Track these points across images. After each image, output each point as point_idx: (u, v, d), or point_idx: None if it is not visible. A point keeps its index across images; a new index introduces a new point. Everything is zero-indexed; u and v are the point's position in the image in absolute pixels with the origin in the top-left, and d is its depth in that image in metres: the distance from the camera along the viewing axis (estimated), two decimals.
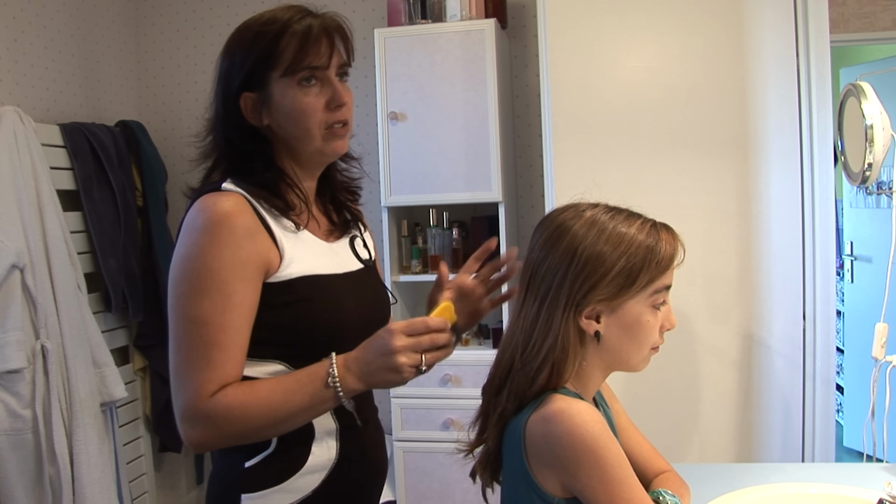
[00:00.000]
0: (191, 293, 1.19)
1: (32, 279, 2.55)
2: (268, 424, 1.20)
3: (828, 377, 2.35)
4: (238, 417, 1.17)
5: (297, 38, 1.26)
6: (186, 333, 1.19)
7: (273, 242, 1.25)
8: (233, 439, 1.22)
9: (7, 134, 2.57)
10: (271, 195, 1.28)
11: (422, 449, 3.03)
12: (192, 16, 3.64)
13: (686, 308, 2.41)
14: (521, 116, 3.39)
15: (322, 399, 1.19)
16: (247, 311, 1.21)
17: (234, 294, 1.19)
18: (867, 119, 2.01)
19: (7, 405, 2.48)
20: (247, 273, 1.20)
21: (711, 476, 1.61)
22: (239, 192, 1.25)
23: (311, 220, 1.36)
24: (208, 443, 1.20)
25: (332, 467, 1.31)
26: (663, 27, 2.44)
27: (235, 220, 1.21)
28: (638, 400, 2.35)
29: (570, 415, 1.08)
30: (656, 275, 1.16)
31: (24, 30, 2.93)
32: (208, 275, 1.18)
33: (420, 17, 3.08)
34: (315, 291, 1.27)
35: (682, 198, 2.41)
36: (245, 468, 1.28)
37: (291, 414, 1.19)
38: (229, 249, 1.19)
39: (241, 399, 1.18)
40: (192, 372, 1.18)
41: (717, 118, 2.40)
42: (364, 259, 1.43)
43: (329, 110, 1.30)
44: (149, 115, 3.67)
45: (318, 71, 1.28)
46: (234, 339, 1.19)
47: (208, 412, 1.17)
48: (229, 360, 1.19)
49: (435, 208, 3.15)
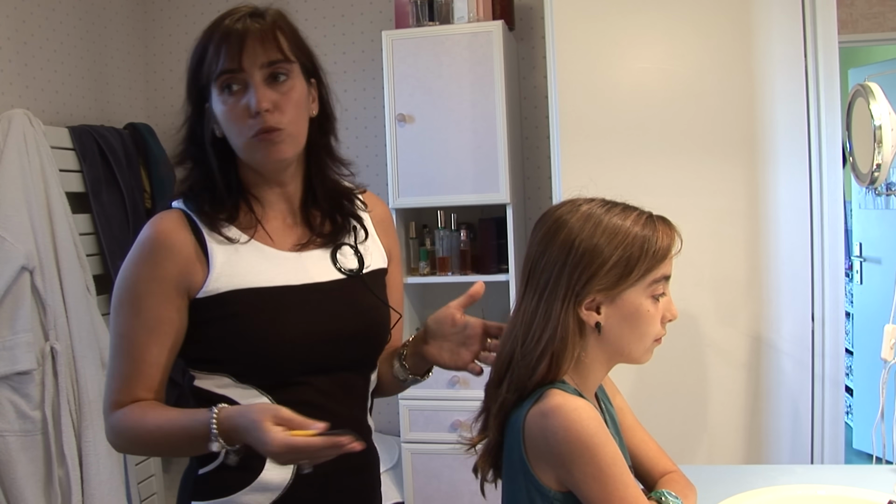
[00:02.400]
0: (115, 306, 1.25)
1: (42, 281, 2.56)
2: (153, 451, 1.31)
3: (837, 379, 2.34)
4: (131, 437, 1.23)
5: (214, 45, 1.22)
6: (111, 343, 1.26)
7: (204, 258, 1.23)
8: (135, 451, 1.32)
9: (16, 137, 2.59)
10: (216, 209, 1.26)
11: (430, 451, 3.03)
12: (201, 18, 3.65)
13: (694, 309, 2.41)
14: (528, 118, 3.39)
15: (202, 446, 1.15)
16: (155, 325, 1.22)
17: (144, 310, 1.22)
18: (876, 120, 2.00)
19: (17, 406, 2.49)
20: (160, 290, 1.22)
21: (720, 477, 1.60)
22: (181, 209, 1.27)
23: (262, 232, 1.29)
24: (117, 447, 1.29)
25: (286, 489, 1.25)
26: (671, 28, 2.44)
27: (158, 239, 1.24)
28: (646, 401, 2.35)
29: (567, 411, 1.10)
30: (653, 264, 1.17)
31: (33, 33, 2.94)
32: (126, 290, 1.24)
33: (427, 20, 3.08)
34: (247, 305, 1.23)
35: (691, 199, 2.41)
36: (198, 475, 1.28)
37: (173, 449, 1.29)
38: (146, 267, 1.23)
39: (132, 422, 1.22)
40: (108, 379, 1.26)
41: (725, 119, 2.40)
42: (347, 269, 1.33)
43: (251, 118, 1.21)
44: (157, 117, 3.68)
45: (232, 75, 1.21)
46: (141, 353, 1.22)
47: (112, 423, 1.24)
48: (138, 374, 1.23)
49: (443, 210, 3.16)
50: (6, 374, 2.46)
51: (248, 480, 1.24)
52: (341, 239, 1.35)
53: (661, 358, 1.25)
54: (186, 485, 1.31)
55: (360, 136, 3.45)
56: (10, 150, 2.56)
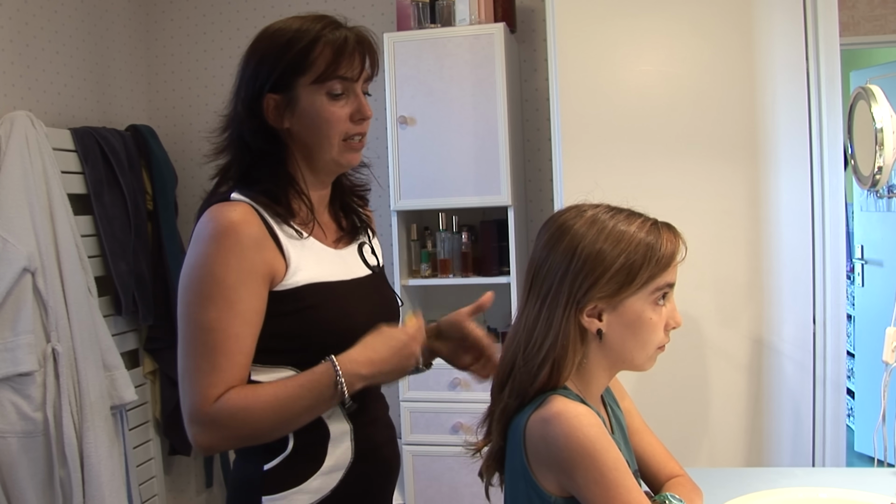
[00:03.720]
0: (198, 301, 1.22)
1: (43, 282, 2.56)
2: (271, 426, 1.23)
3: (838, 381, 2.34)
4: (242, 420, 1.21)
5: (331, 47, 1.28)
6: (193, 339, 1.22)
7: (279, 251, 1.27)
8: (238, 441, 1.26)
9: (18, 138, 2.59)
10: (276, 203, 1.30)
11: (431, 452, 3.03)
12: (203, 20, 3.66)
13: (695, 312, 2.41)
14: (530, 120, 3.39)
15: (324, 399, 1.23)
16: (251, 317, 1.24)
17: (238, 301, 1.22)
18: (877, 122, 2.01)
19: (18, 408, 2.49)
20: (251, 281, 1.23)
21: (721, 480, 1.60)
22: (246, 202, 1.28)
23: (318, 228, 1.37)
24: (215, 445, 1.23)
25: (349, 467, 1.34)
26: (673, 31, 2.44)
27: (242, 230, 1.23)
28: (647, 404, 2.35)
29: (568, 417, 1.10)
30: (657, 272, 1.16)
31: (35, 35, 2.95)
32: (214, 283, 1.21)
33: (429, 22, 3.09)
34: (322, 298, 1.30)
35: (692, 201, 2.41)
36: (265, 470, 1.31)
37: (294, 415, 1.23)
38: (235, 258, 1.22)
39: (244, 402, 1.21)
40: (198, 376, 1.21)
41: (726, 122, 2.40)
42: (372, 265, 1.45)
43: (352, 122, 1.32)
44: (159, 119, 3.68)
45: (347, 82, 1.31)
46: (237, 344, 1.22)
47: (213, 415, 1.20)
48: (233, 365, 1.22)
49: (444, 212, 3.16)
50: (8, 375, 2.46)
51: (319, 464, 1.31)
52: (361, 234, 1.47)
53: (663, 360, 1.25)
54: (250, 482, 1.32)
55: None
56: (12, 151, 2.56)
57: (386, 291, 1.48)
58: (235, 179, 1.33)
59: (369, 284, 1.42)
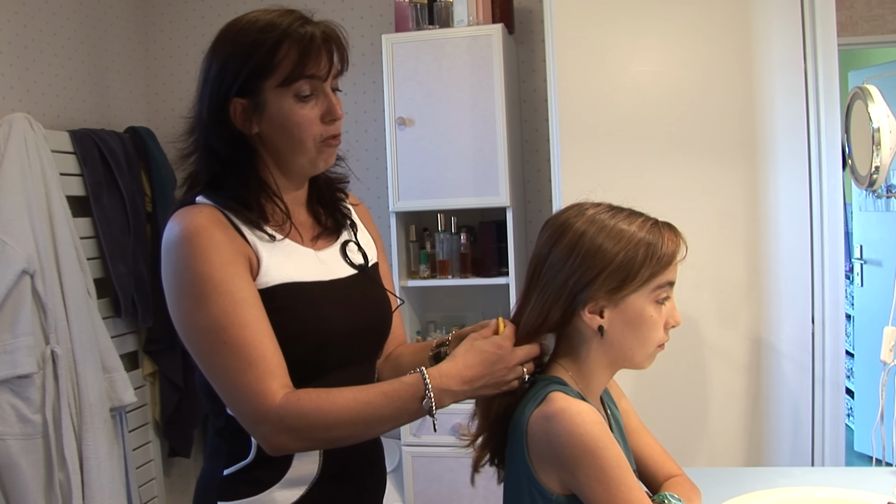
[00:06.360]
0: (194, 305, 1.15)
1: (42, 284, 2.56)
2: (347, 431, 1.16)
3: (837, 381, 2.34)
4: (313, 420, 1.14)
5: (296, 47, 1.21)
6: (208, 346, 1.15)
7: (250, 250, 1.22)
8: (313, 443, 1.19)
9: (17, 140, 2.59)
10: (247, 209, 1.24)
11: (430, 454, 3.03)
12: (201, 22, 3.66)
13: (694, 312, 2.41)
14: (528, 121, 3.39)
15: (408, 412, 1.17)
16: (255, 302, 1.18)
17: (237, 291, 1.16)
18: (874, 122, 2.01)
19: (17, 410, 2.49)
20: (239, 270, 1.18)
21: (720, 480, 1.61)
22: (211, 205, 1.23)
23: (294, 230, 1.30)
24: (289, 445, 1.17)
25: (314, 482, 1.27)
26: (670, 31, 2.45)
27: (212, 228, 1.18)
28: (647, 404, 2.35)
29: (571, 415, 1.10)
30: (658, 270, 1.17)
31: (34, 37, 2.95)
32: (204, 281, 1.15)
33: (427, 23, 3.09)
34: (294, 299, 1.23)
35: (690, 201, 2.41)
36: (223, 476, 1.27)
37: (374, 423, 1.16)
38: (215, 254, 1.16)
39: (316, 403, 1.14)
40: (238, 379, 1.14)
41: (724, 122, 2.40)
42: (358, 264, 1.37)
43: (324, 124, 1.26)
44: (158, 121, 3.68)
45: (315, 81, 1.23)
46: (256, 331, 1.15)
47: (283, 414, 1.13)
48: (265, 351, 1.15)
49: (443, 213, 3.16)
50: (7, 377, 2.46)
51: (279, 476, 1.25)
52: (343, 232, 1.40)
53: (662, 360, 1.26)
54: (208, 486, 1.29)
55: (360, 140, 3.45)
56: (10, 154, 2.56)
57: (375, 291, 1.39)
58: (204, 185, 1.27)
59: (353, 285, 1.34)
